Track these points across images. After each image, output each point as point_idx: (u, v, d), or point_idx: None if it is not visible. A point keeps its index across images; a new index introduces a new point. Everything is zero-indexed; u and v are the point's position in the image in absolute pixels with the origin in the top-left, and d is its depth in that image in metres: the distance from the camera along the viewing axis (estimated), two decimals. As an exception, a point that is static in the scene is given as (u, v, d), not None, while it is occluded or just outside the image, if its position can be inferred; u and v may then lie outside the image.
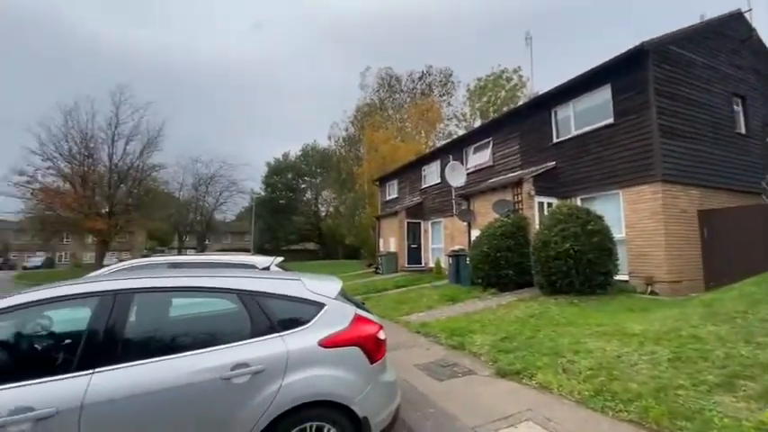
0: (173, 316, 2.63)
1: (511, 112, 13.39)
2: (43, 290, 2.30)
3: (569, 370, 4.10)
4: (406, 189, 19.69)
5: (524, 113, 12.01)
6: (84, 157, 28.23)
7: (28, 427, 1.82)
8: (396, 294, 10.80)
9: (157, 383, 2.11)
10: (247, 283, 2.58)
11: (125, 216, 29.21)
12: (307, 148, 50.34)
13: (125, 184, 29.93)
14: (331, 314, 2.66)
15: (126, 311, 2.27)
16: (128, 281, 2.44)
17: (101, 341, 2.14)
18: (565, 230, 7.52)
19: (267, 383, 2.29)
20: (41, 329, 2.39)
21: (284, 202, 47.65)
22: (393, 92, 35.31)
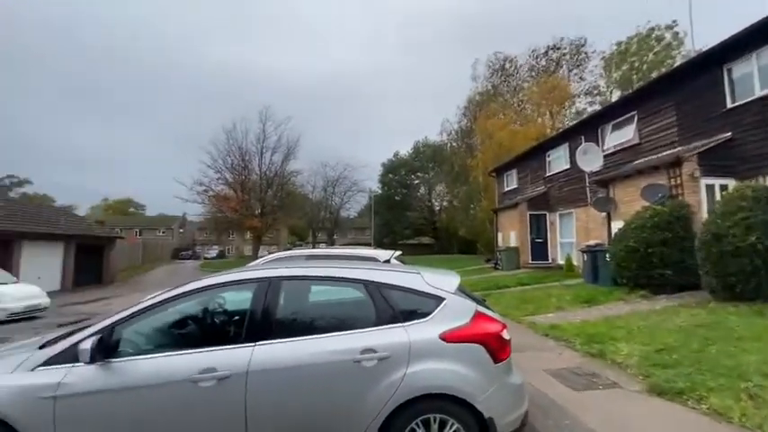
0: (311, 301, 2.98)
1: (663, 77, 11.01)
2: (218, 276, 2.87)
3: (759, 397, 3.19)
4: (527, 178, 18.19)
5: (682, 76, 9.75)
6: (242, 168, 34.42)
7: (212, 384, 2.30)
8: (519, 292, 10.12)
9: (301, 359, 2.41)
10: (372, 275, 2.75)
11: (272, 216, 34.69)
12: (418, 144, 51.07)
13: (272, 188, 35.46)
14: (450, 309, 2.64)
15: (277, 296, 2.66)
16: (277, 270, 2.86)
17: (259, 320, 2.56)
18: (749, 219, 5.86)
19: (392, 370, 2.40)
20: (218, 307, 3.01)
21: (399, 199, 49.46)
22: (507, 75, 32.97)
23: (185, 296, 2.67)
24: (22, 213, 17.00)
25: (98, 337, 2.32)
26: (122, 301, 12.73)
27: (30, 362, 2.38)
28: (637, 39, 27.15)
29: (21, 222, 15.75)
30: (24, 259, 14.89)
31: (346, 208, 51.46)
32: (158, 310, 2.60)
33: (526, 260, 15.79)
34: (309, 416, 2.38)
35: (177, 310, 2.72)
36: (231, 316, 2.90)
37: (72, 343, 2.37)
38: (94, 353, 2.26)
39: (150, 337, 2.61)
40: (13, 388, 2.28)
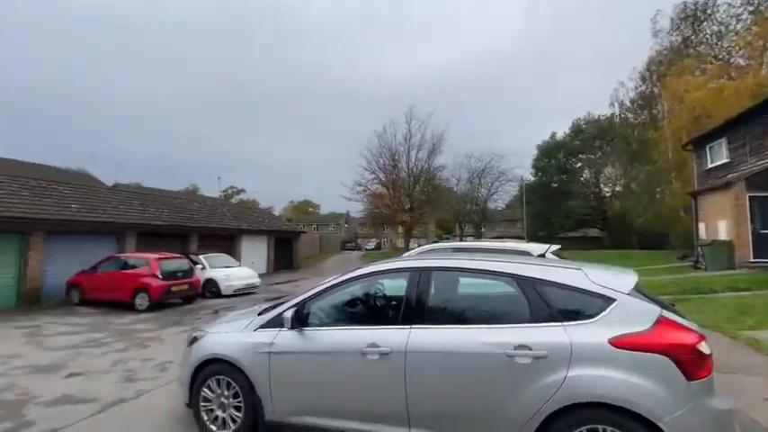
0: (460, 292, 3.06)
1: None
2: (378, 265, 3.25)
3: None
4: (743, 149, 13.67)
5: None
6: (392, 167, 37.12)
7: (377, 358, 2.64)
8: (732, 299, 7.82)
9: (453, 345, 2.51)
10: (524, 269, 2.63)
11: (420, 210, 36.35)
12: (578, 122, 44.50)
13: (419, 184, 37.11)
14: (623, 311, 2.29)
15: (428, 284, 2.84)
16: (427, 261, 3.06)
17: (414, 305, 2.79)
18: None
19: (551, 371, 2.25)
20: (379, 291, 3.41)
21: (557, 186, 44.21)
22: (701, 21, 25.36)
23: (353, 281, 3.13)
24: (241, 215, 22.72)
25: (294, 309, 2.97)
26: (307, 283, 15.58)
27: (252, 325, 3.22)
28: None
29: (241, 221, 21.06)
30: (243, 249, 19.82)
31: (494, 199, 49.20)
32: (334, 290, 3.12)
33: (745, 257, 11.95)
34: (463, 400, 2.46)
35: (347, 292, 3.21)
36: (389, 300, 3.26)
37: (279, 312, 3.09)
38: (293, 321, 2.90)
39: (328, 313, 3.16)
40: (242, 343, 3.13)
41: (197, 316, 9.28)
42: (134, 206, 15.35)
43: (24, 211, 10.85)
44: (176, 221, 16.17)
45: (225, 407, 3.12)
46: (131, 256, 11.32)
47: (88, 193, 14.68)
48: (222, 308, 10.19)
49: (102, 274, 10.68)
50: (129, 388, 4.52)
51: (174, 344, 6.45)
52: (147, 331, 7.60)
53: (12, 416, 3.75)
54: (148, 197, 17.52)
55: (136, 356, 5.84)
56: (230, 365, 3.09)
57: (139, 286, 9.90)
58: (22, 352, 6.07)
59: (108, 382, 4.74)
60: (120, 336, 7.23)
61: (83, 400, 4.17)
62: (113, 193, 16.10)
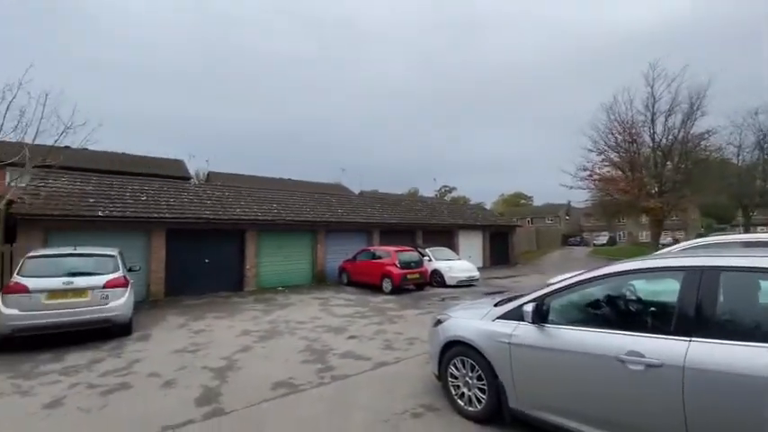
0: (764, 301, 2.24)
1: None
2: (634, 262, 2.79)
3: None
4: None
5: None
6: (629, 143, 30.35)
7: (642, 369, 2.28)
8: None
9: (754, 368, 1.90)
10: None
11: (676, 193, 28.07)
12: None
13: (671, 160, 28.83)
14: None
15: (714, 288, 2.23)
16: (713, 258, 2.38)
17: (693, 313, 2.25)
18: None
19: None
20: (634, 293, 2.92)
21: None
22: None
23: (601, 279, 2.82)
24: (456, 211, 24.13)
25: (535, 304, 2.95)
26: (528, 280, 14.94)
27: (490, 315, 3.40)
28: None
29: (457, 217, 22.36)
30: (460, 243, 20.95)
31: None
32: (577, 288, 2.91)
33: None
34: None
35: (594, 291, 2.91)
36: (651, 304, 2.74)
37: (518, 305, 3.15)
38: (534, 316, 2.89)
39: (571, 312, 2.96)
40: (482, 330, 3.35)
41: (428, 301, 10.52)
42: (376, 209, 18.96)
43: (313, 216, 15.29)
44: (405, 220, 18.85)
45: (470, 386, 3.44)
46: (378, 248, 13.97)
47: (346, 200, 19.25)
48: (448, 297, 11.16)
49: (360, 262, 13.73)
50: (389, 354, 5.64)
51: (415, 323, 7.59)
52: (393, 310, 9.22)
53: (320, 360, 5.37)
54: (384, 201, 21.27)
55: (390, 329, 7.21)
56: (473, 349, 3.38)
57: (385, 273, 12.14)
58: (320, 316, 8.57)
59: (374, 346, 6.07)
60: (376, 311, 9.09)
61: (361, 357, 5.51)
62: (361, 199, 20.58)
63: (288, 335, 6.85)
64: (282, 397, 4.12)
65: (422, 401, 3.89)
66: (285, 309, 9.44)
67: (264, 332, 7.04)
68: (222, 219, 12.63)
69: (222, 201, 13.98)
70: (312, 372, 4.90)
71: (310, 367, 5.08)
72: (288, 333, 6.98)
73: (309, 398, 4.11)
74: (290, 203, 15.83)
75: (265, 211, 14.28)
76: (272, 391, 4.28)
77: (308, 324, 7.68)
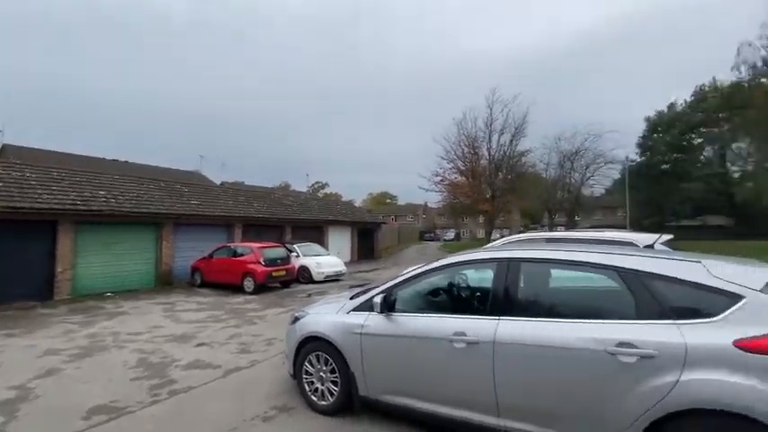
0: (553, 285, 2.93)
1: None
2: (462, 255, 3.26)
3: None
4: None
5: None
6: (471, 155, 35.86)
7: (464, 346, 2.69)
8: None
9: (546, 339, 2.44)
10: (630, 261, 2.42)
11: (503, 198, 34.58)
12: (702, 89, 37.74)
13: (501, 171, 35.30)
14: (755, 310, 2.00)
15: (517, 275, 2.78)
16: (517, 251, 2.97)
17: (502, 296, 2.76)
18: None
19: (660, 373, 2.07)
20: (463, 281, 3.43)
21: (668, 167, 38.39)
22: None
23: (438, 270, 3.21)
24: (327, 207, 24.31)
25: (383, 295, 3.15)
26: (388, 272, 16.08)
27: (345, 307, 3.50)
28: None
29: (327, 213, 22.52)
30: (330, 239, 21.18)
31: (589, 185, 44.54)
32: (419, 279, 3.24)
33: None
34: (555, 394, 2.39)
35: (432, 281, 3.31)
36: (475, 290, 3.26)
37: (369, 297, 3.32)
38: (382, 306, 3.09)
39: (414, 300, 3.29)
40: (337, 324, 3.42)
41: (293, 299, 10.26)
42: (240, 201, 17.45)
43: (158, 207, 13.10)
44: (274, 215, 17.95)
45: (323, 380, 3.48)
46: (239, 245, 12.90)
47: (203, 190, 17.14)
48: (314, 292, 11.12)
49: (217, 260, 12.42)
50: (244, 358, 5.26)
51: (276, 322, 7.27)
52: (253, 311, 8.66)
53: (158, 375, 4.65)
54: (250, 194, 19.76)
55: (247, 332, 6.73)
56: (328, 343, 3.42)
57: (247, 271, 11.30)
58: (162, 324, 7.42)
59: (227, 351, 5.57)
60: (233, 313, 8.38)
61: (210, 365, 4.98)
62: (223, 191, 18.63)
63: (115, 349, 5.70)
64: (99, 425, 3.39)
65: (275, 403, 3.74)
66: (113, 319, 7.85)
67: (81, 349, 5.70)
68: (21, 208, 9.70)
69: (22, 183, 10.73)
70: (144, 389, 4.19)
71: (143, 384, 4.33)
72: (115, 347, 5.81)
73: (137, 420, 3.49)
74: (126, 191, 13.16)
75: (88, 199, 11.53)
76: (85, 420, 3.48)
77: (145, 335, 6.56)
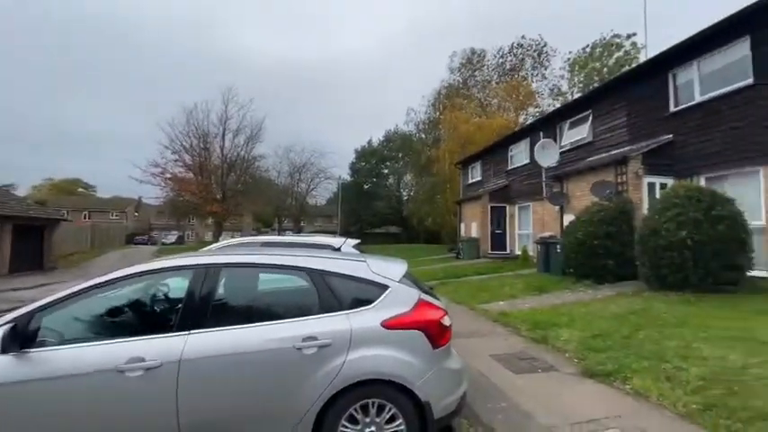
0: (253, 289, 2.91)
1: (617, 79, 11.64)
2: (152, 262, 2.74)
3: (675, 378, 3.51)
4: (490, 171, 18.69)
5: (634, 79, 10.33)
6: (202, 149, 32.84)
7: (140, 374, 2.21)
8: (476, 281, 10.47)
9: (238, 347, 2.37)
10: (316, 263, 2.73)
11: (235, 200, 33.50)
12: (389, 133, 51.04)
13: (234, 172, 34.15)
14: (394, 296, 2.68)
15: (215, 283, 2.58)
16: (217, 257, 2.78)
17: (195, 308, 2.47)
18: (681, 216, 6.36)
19: (333, 357, 2.41)
20: (150, 295, 2.88)
21: (368, 187, 49.38)
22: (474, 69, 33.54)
23: (113, 283, 2.53)
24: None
25: (11, 326, 2.15)
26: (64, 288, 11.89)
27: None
28: (601, 45, 28.37)
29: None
30: (-50, 241, 13.50)
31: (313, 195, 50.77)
32: (84, 297, 2.44)
33: (486, 250, 16.33)
34: (248, 401, 2.36)
35: (105, 298, 2.57)
36: (164, 304, 2.80)
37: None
38: (6, 343, 2.10)
39: (75, 326, 2.45)
40: None
41: None
42: None
43: None
44: None
45: None
46: None
47: None
48: None
49: None
50: None
51: None
52: None
53: None
54: None
55: None
56: None
57: None
58: None
59: None
60: None
61: None
62: None
63: None
64: None
65: None
66: None
67: None
68: None
69: None
70: None
71: None
72: None
73: None
74: None
75: None
76: None
77: None
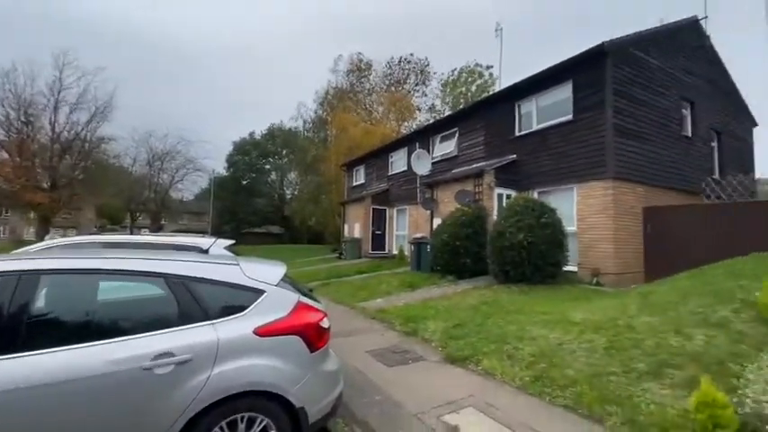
0: (90, 301, 2.36)
1: (477, 103, 13.51)
2: None
3: (513, 356, 4.23)
4: (373, 175, 19.52)
5: (490, 105, 12.13)
6: (23, 124, 25.62)
7: None
8: (357, 280, 10.75)
9: (69, 373, 1.91)
10: (176, 267, 2.39)
11: (70, 190, 27.02)
12: (273, 128, 48.68)
13: (70, 155, 27.56)
14: (270, 301, 2.53)
15: (32, 295, 2.03)
16: (35, 261, 2.19)
17: (3, 327, 1.90)
18: (520, 222, 7.72)
19: (194, 374, 2.14)
20: None
21: (247, 183, 46.05)
22: (362, 76, 34.76)
23: None
24: None
25: None
26: None
27: None
28: (467, 70, 32.54)
29: None
30: None
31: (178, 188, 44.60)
32: None
33: (367, 250, 16.95)
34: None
35: None
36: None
37: None
38: None
39: None
40: None
41: None
42: None
43: None
44: None
45: None
46: None
47: None
48: None
49: None
50: None
51: None
52: None
53: None
54: None
55: None
56: None
57: None
58: None
59: None
60: None
61: None
62: None
63: None
64: None
65: None
66: None
67: None
68: None
69: None
70: None
71: None
72: None
73: None
74: None
75: None
76: None
77: None
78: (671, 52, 10.21)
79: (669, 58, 10.09)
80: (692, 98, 10.65)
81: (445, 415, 3.17)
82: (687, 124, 10.61)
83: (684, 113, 10.55)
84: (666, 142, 9.80)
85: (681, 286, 5.60)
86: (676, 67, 10.29)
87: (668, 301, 5.04)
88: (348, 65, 34.03)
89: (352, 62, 34.00)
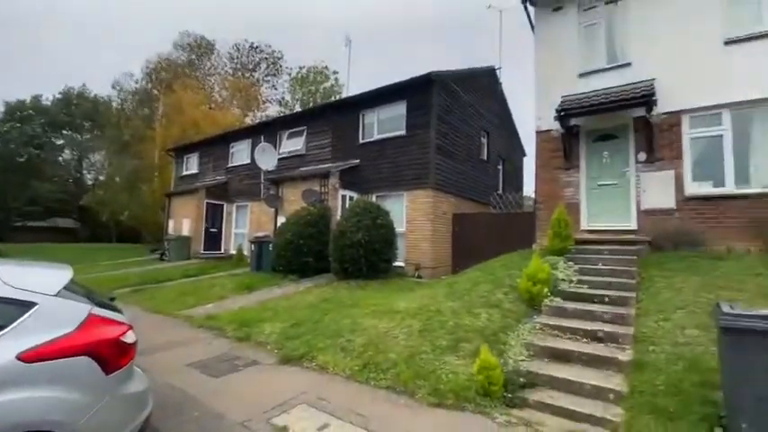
0: None
1: (326, 106, 13.83)
2: None
3: (346, 348, 4.50)
4: (209, 165, 17.45)
5: (338, 110, 12.59)
6: None
7: None
8: (182, 285, 9.43)
9: None
10: None
11: None
12: (70, 92, 37.88)
13: None
14: (46, 316, 1.98)
15: None
16: None
17: None
18: (360, 222, 8.29)
19: None
20: None
21: (24, 161, 34.29)
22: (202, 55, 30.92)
23: None
24: None
25: None
26: None
27: None
28: (315, 71, 32.80)
29: None
30: None
31: None
32: None
33: (198, 250, 15.04)
34: None
35: None
36: None
37: None
38: None
39: None
40: None
41: None
42: None
43: None
44: None
45: None
46: None
47: None
48: None
49: None
50: None
51: None
52: None
53: None
54: None
55: None
56: None
57: None
58: None
59: None
60: None
61: None
62: None
63: None
64: None
65: None
66: None
67: None
68: None
69: None
70: None
71: None
72: None
73: None
74: None
75: None
76: None
77: None
78: (475, 91, 12.80)
79: (474, 95, 12.63)
80: (488, 129, 13.61)
81: (275, 417, 3.12)
82: (484, 150, 13.49)
83: (483, 141, 13.39)
84: (470, 162, 12.23)
85: (473, 276, 7.03)
86: (478, 103, 12.95)
87: (465, 288, 6.25)
88: (189, 41, 29.73)
89: (194, 39, 29.86)
